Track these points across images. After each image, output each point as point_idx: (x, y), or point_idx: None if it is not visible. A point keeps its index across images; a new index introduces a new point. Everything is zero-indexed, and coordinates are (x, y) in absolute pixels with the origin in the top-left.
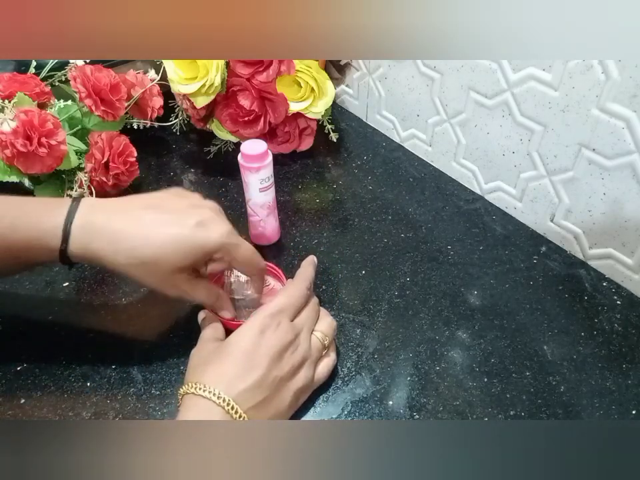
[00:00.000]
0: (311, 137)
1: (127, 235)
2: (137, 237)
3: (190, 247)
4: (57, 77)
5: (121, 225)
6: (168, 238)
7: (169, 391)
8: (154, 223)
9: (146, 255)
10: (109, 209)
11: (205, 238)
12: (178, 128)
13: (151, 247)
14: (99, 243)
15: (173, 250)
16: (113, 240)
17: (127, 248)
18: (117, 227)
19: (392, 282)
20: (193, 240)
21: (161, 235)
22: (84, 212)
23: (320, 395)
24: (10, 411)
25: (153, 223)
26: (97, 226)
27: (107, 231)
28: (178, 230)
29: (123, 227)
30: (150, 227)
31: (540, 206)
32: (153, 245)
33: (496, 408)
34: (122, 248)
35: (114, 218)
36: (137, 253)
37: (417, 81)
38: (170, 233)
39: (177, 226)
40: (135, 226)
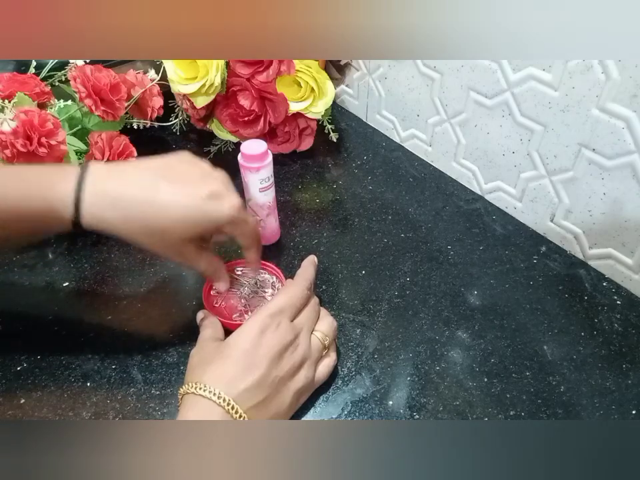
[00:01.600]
0: (311, 137)
1: (140, 205)
2: (150, 208)
3: (201, 219)
4: (56, 76)
5: (133, 194)
6: (180, 210)
7: (169, 391)
8: (166, 193)
9: (159, 225)
10: (119, 175)
11: (217, 211)
12: (178, 128)
13: (164, 218)
14: (111, 213)
15: (185, 221)
16: (125, 210)
17: (140, 218)
18: (129, 196)
19: (392, 282)
20: (204, 212)
21: (174, 206)
22: (94, 179)
23: (320, 395)
24: (10, 410)
25: (165, 193)
26: (108, 195)
27: (119, 200)
28: (190, 201)
29: (135, 196)
30: (163, 197)
31: (540, 206)
32: (165, 216)
33: (496, 408)
34: (135, 218)
35: (125, 186)
36: (149, 223)
37: (417, 81)
38: (183, 204)
39: (190, 197)
40: (148, 196)
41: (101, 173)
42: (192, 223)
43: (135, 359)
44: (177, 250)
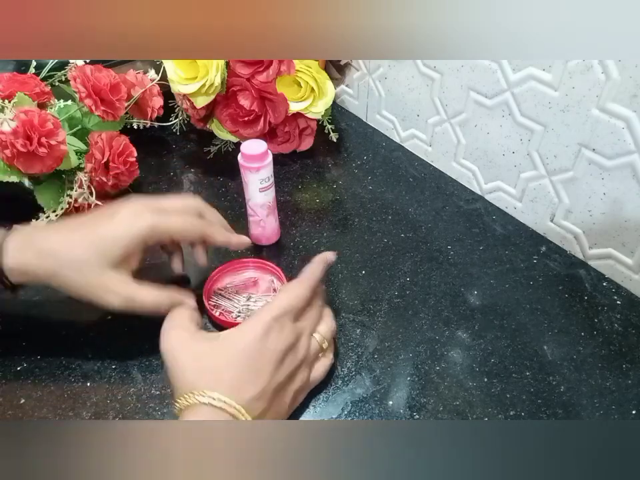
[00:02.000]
0: (311, 137)
1: (51, 242)
2: (58, 241)
3: (113, 237)
4: (56, 76)
5: (45, 237)
6: (89, 235)
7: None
8: (74, 228)
9: (69, 255)
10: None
11: (135, 226)
12: (178, 128)
13: (76, 244)
14: (27, 255)
15: (96, 243)
16: (39, 251)
17: (51, 253)
18: (42, 239)
19: (392, 282)
20: (115, 229)
21: (81, 233)
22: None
23: (320, 395)
24: (10, 410)
25: (73, 228)
26: (26, 243)
27: (34, 245)
28: (98, 224)
29: (47, 238)
30: (70, 231)
31: (540, 206)
32: (76, 241)
33: (496, 408)
34: (48, 253)
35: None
36: (61, 255)
37: (417, 81)
38: (89, 230)
39: (96, 222)
40: (58, 234)
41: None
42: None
43: (134, 359)
44: (104, 284)
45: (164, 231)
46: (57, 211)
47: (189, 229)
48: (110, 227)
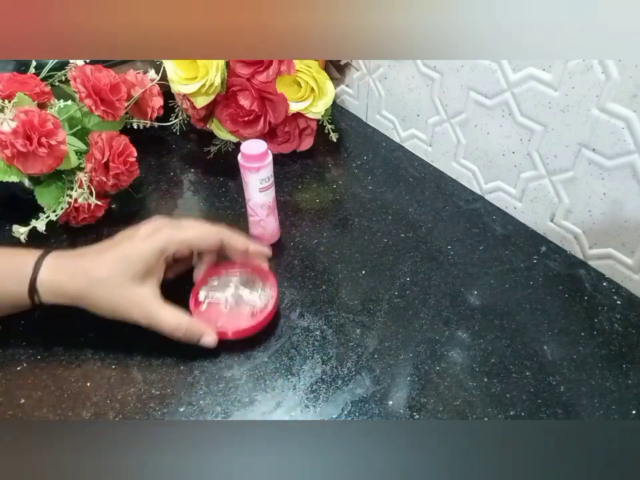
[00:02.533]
0: (311, 137)
1: (83, 261)
2: (89, 262)
3: (133, 253)
4: (56, 76)
5: (78, 258)
6: (114, 254)
7: (169, 390)
8: (101, 250)
9: (98, 273)
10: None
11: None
12: (178, 128)
13: (103, 263)
14: (61, 276)
15: (121, 261)
16: (71, 269)
17: (83, 272)
18: (75, 261)
19: (392, 282)
20: (135, 245)
21: (108, 254)
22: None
23: (320, 395)
24: (10, 410)
25: (100, 250)
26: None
27: (67, 265)
28: (121, 244)
29: (80, 258)
30: (98, 253)
31: (540, 206)
32: (104, 261)
33: (496, 408)
34: (79, 273)
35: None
36: (91, 273)
37: (417, 81)
38: (114, 249)
39: (120, 242)
40: (87, 256)
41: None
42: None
43: (135, 359)
44: (131, 299)
45: (181, 241)
46: (57, 211)
47: (206, 237)
48: (131, 244)
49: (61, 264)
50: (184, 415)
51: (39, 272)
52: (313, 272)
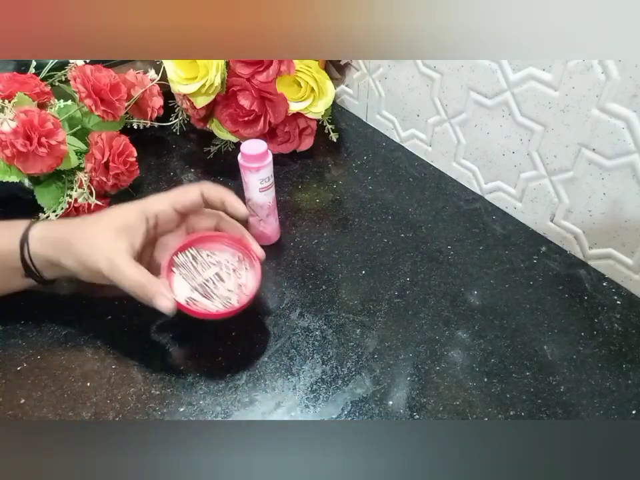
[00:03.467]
0: (311, 137)
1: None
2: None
3: (117, 212)
4: (56, 76)
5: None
6: (99, 215)
7: (169, 390)
8: (86, 217)
9: (81, 231)
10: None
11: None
12: (178, 128)
13: (90, 217)
14: (51, 225)
15: (104, 219)
16: (61, 221)
17: (71, 220)
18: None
19: (392, 282)
20: (119, 207)
21: (92, 218)
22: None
23: (320, 395)
24: (10, 410)
25: (85, 217)
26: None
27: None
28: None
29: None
30: (83, 219)
31: (540, 206)
32: (90, 217)
33: (496, 408)
34: (68, 221)
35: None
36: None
37: (417, 81)
38: (100, 214)
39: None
40: (72, 222)
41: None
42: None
43: (135, 358)
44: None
45: (160, 199)
46: (57, 211)
47: (186, 191)
48: (117, 207)
49: (53, 221)
50: (184, 415)
51: (32, 226)
52: (313, 272)
